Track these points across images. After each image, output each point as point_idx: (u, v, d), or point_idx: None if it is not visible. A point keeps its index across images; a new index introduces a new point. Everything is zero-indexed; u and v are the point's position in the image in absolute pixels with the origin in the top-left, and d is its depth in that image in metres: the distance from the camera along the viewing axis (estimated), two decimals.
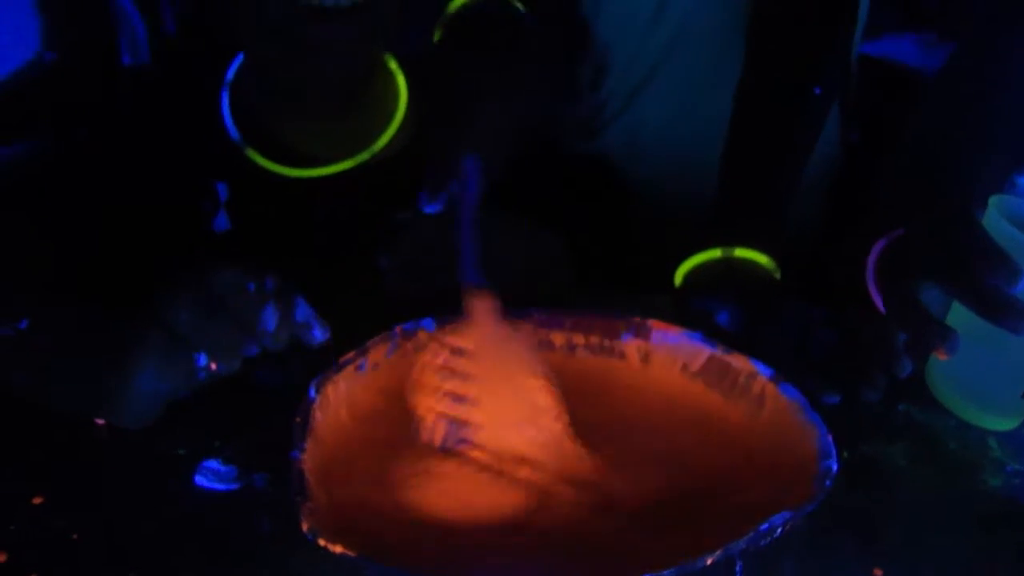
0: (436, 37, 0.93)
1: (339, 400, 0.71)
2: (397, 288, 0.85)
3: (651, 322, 0.77)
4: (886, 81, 1.18)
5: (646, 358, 0.77)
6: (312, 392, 0.69)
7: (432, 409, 0.69)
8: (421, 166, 0.84)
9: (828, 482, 0.61)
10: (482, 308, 0.71)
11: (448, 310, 0.75)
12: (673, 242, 0.90)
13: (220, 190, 0.96)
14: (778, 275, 0.87)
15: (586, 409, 0.72)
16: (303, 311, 0.74)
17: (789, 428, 0.67)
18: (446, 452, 0.69)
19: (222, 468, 0.70)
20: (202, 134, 0.93)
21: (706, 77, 1.11)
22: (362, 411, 0.72)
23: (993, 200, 0.75)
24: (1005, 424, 0.78)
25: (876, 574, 0.64)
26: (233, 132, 0.91)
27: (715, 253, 0.87)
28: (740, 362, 0.73)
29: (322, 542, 0.57)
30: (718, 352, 0.74)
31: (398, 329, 0.76)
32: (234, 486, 0.69)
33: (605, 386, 0.77)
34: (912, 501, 0.71)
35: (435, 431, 0.69)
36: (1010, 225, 0.72)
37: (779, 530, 0.57)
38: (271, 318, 0.73)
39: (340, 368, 0.72)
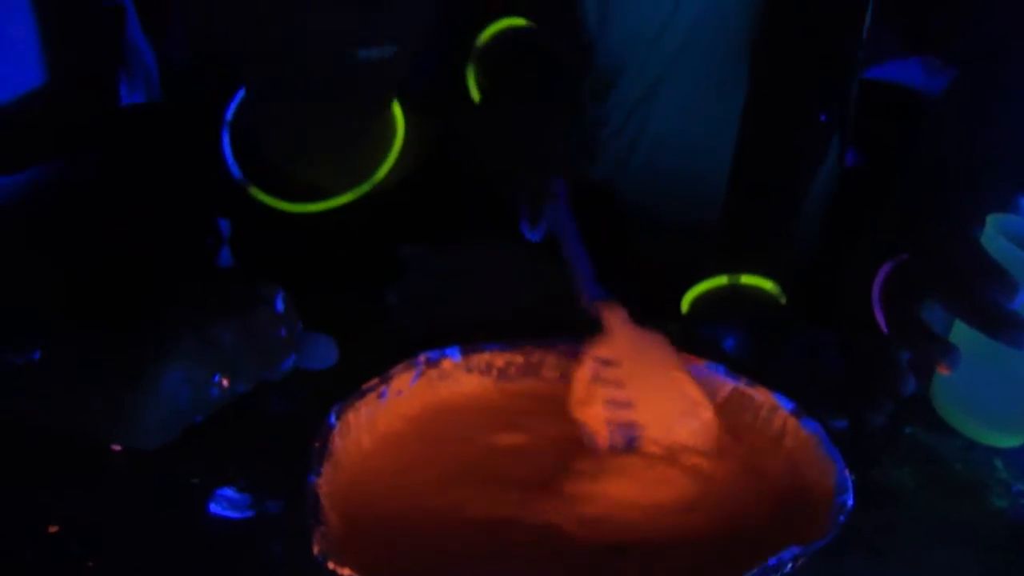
0: (470, 74, 0.95)
1: (360, 426, 0.72)
2: (404, 322, 0.86)
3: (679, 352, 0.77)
4: (891, 104, 1.19)
5: None
6: (332, 418, 0.70)
7: (599, 418, 0.72)
8: (422, 197, 0.86)
9: (842, 518, 0.61)
10: (615, 318, 0.75)
11: (465, 341, 0.77)
12: (679, 268, 0.90)
13: (223, 226, 0.97)
14: (784, 300, 0.87)
15: None
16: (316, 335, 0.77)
17: (808, 462, 0.68)
18: (625, 452, 0.72)
19: (236, 496, 0.71)
20: (204, 171, 0.94)
21: (708, 93, 1.12)
22: (384, 437, 0.73)
23: (991, 219, 0.75)
24: (1011, 441, 0.79)
25: None
26: (235, 170, 0.93)
27: (721, 280, 0.87)
28: (762, 395, 0.74)
29: (331, 565, 0.58)
30: (741, 385, 0.75)
31: (422, 357, 0.77)
32: (248, 514, 0.69)
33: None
34: (920, 523, 0.71)
35: (611, 436, 0.72)
36: (1008, 242, 0.73)
37: (789, 565, 0.58)
38: (290, 361, 0.76)
39: (362, 395, 0.73)
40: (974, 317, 0.70)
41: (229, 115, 0.94)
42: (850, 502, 0.62)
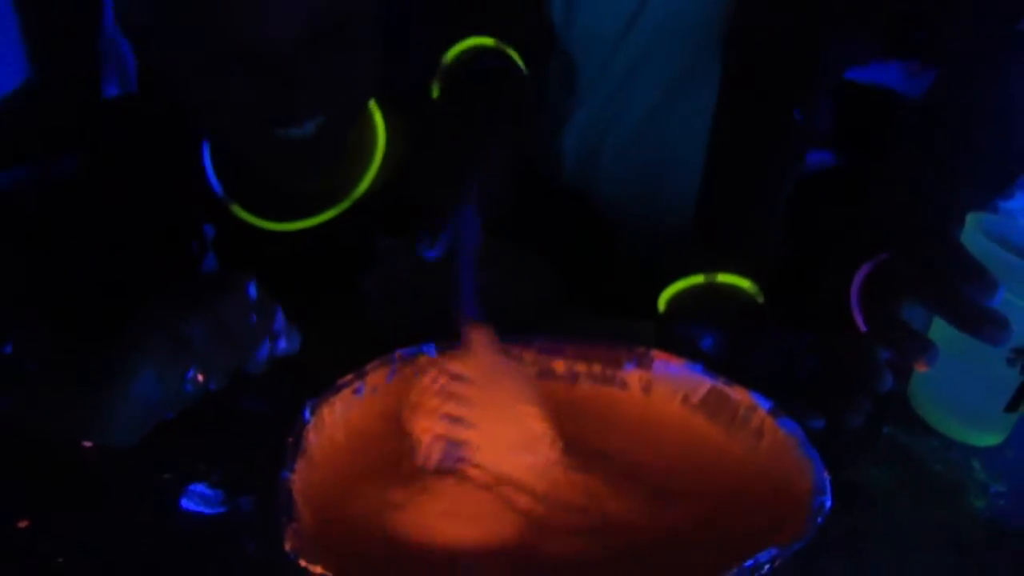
0: (434, 91, 0.94)
1: (335, 422, 0.71)
2: (381, 314, 0.85)
3: (653, 352, 0.77)
4: (871, 106, 1.20)
5: (647, 388, 0.77)
6: (307, 414, 0.69)
7: (429, 430, 0.70)
8: (404, 202, 0.86)
9: (820, 519, 0.61)
10: (480, 338, 0.73)
11: (439, 335, 0.76)
12: (654, 267, 0.90)
13: (207, 231, 0.96)
14: (761, 299, 0.87)
15: (586, 437, 0.73)
16: (279, 321, 0.76)
17: (786, 462, 0.67)
18: (442, 472, 0.69)
19: (208, 492, 0.70)
20: (188, 179, 0.93)
21: (678, 90, 1.12)
22: (359, 433, 0.72)
23: (971, 218, 0.76)
24: (989, 440, 0.79)
25: None
26: (216, 187, 0.93)
27: (698, 279, 0.87)
28: (740, 394, 0.73)
29: (303, 563, 0.57)
30: (719, 384, 0.74)
31: (398, 354, 0.76)
32: (220, 509, 0.69)
33: (606, 415, 0.77)
34: (898, 523, 0.71)
35: (432, 451, 0.70)
36: (988, 241, 0.73)
37: (766, 567, 0.57)
38: (264, 349, 0.75)
39: (337, 390, 0.72)
40: (954, 315, 0.70)
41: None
42: (828, 503, 0.62)
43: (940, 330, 0.75)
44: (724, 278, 0.86)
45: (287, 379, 0.76)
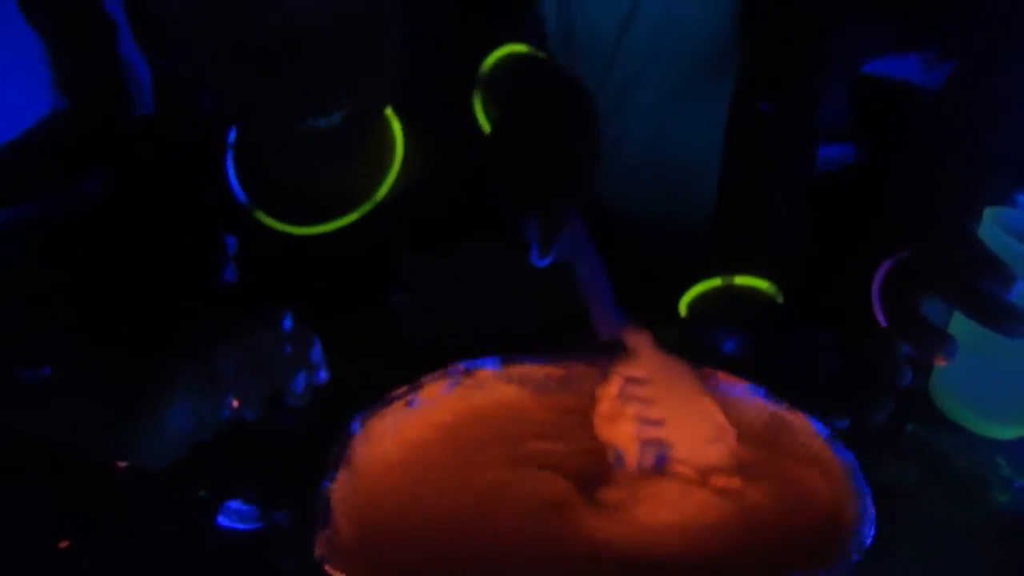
0: (477, 101, 0.95)
1: (385, 433, 0.72)
2: (410, 329, 0.86)
3: (719, 375, 0.77)
4: (889, 99, 1.20)
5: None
6: (356, 426, 0.70)
7: (628, 435, 0.72)
8: (424, 208, 0.86)
9: (856, 556, 0.61)
10: (642, 340, 0.75)
11: (470, 348, 0.77)
12: (673, 271, 0.91)
13: (230, 243, 0.98)
14: (781, 300, 0.88)
15: None
16: (317, 352, 0.77)
17: (837, 490, 0.67)
18: (653, 473, 0.71)
19: (244, 508, 0.71)
20: (211, 190, 0.95)
21: (685, 94, 1.13)
22: (411, 444, 0.73)
23: (988, 212, 0.76)
24: (1010, 433, 0.79)
25: None
26: (240, 195, 0.94)
27: (715, 282, 0.88)
28: (799, 421, 0.72)
29: (328, 568, 0.59)
30: (780, 409, 0.74)
31: (460, 367, 0.77)
32: (256, 525, 0.70)
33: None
34: (922, 519, 0.72)
35: (644, 455, 0.71)
36: (1005, 234, 0.73)
37: None
38: (301, 381, 0.76)
39: (388, 403, 0.73)
40: (972, 309, 0.70)
41: (231, 138, 0.95)
42: (869, 538, 0.61)
43: (959, 324, 0.75)
44: (742, 280, 0.87)
45: (318, 394, 0.77)
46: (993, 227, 0.75)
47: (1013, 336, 0.69)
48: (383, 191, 0.95)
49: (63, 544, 0.69)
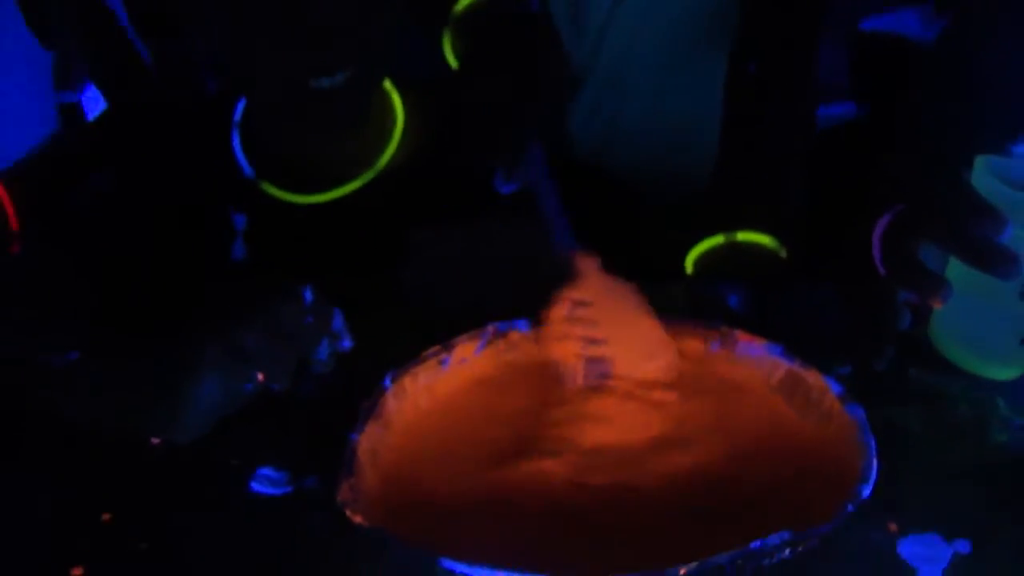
0: (447, 42, 0.98)
1: (417, 390, 0.76)
2: (420, 303, 0.89)
3: (738, 333, 0.78)
4: (889, 55, 1.21)
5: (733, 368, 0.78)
6: (387, 381, 0.74)
7: (573, 354, 0.76)
8: (428, 178, 0.89)
9: (851, 506, 0.61)
10: (589, 264, 0.78)
11: (480, 319, 0.80)
12: (679, 230, 0.93)
13: (237, 220, 1.01)
14: (783, 254, 0.90)
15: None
16: (339, 322, 0.79)
17: (845, 446, 0.68)
18: (590, 388, 0.76)
19: (275, 474, 0.74)
20: (215, 167, 0.98)
21: (682, 56, 1.14)
22: (444, 399, 0.77)
23: (979, 160, 0.78)
24: (1008, 373, 0.81)
25: (891, 528, 0.68)
26: (247, 169, 0.97)
27: (719, 239, 0.90)
28: (813, 378, 0.74)
29: (349, 512, 0.62)
30: (795, 366, 0.75)
31: (491, 328, 0.80)
32: (288, 489, 0.73)
33: (697, 386, 0.78)
34: (925, 461, 0.74)
35: (578, 371, 0.76)
36: (995, 180, 0.75)
37: (786, 550, 0.59)
38: (324, 349, 0.79)
39: (422, 361, 0.77)
40: (965, 252, 0.72)
41: (238, 116, 0.97)
42: (866, 492, 0.62)
43: (955, 269, 0.78)
44: (744, 236, 0.89)
45: (340, 365, 0.80)
46: (985, 175, 0.77)
47: (1005, 278, 0.71)
48: (385, 159, 0.97)
49: (105, 517, 0.72)
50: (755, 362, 0.77)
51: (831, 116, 1.22)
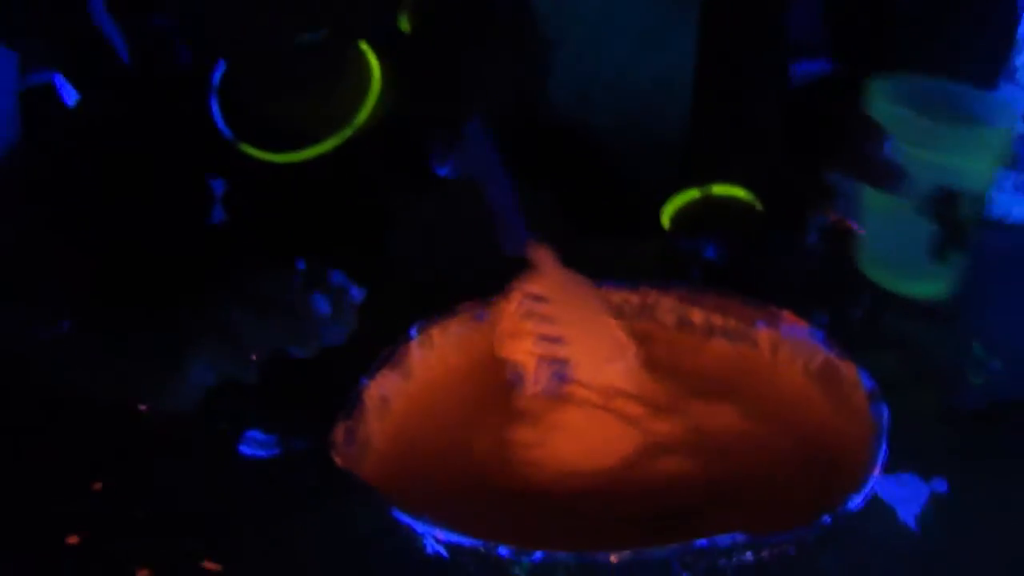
0: (403, 24, 0.98)
1: (447, 343, 0.75)
2: (407, 269, 0.89)
3: (784, 313, 0.76)
4: (863, 10, 1.21)
5: (775, 350, 0.76)
6: (412, 331, 0.73)
7: (529, 353, 0.72)
8: (404, 139, 0.89)
9: (827, 518, 0.57)
10: (545, 257, 0.75)
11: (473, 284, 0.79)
12: (654, 187, 0.94)
13: (215, 185, 1.01)
14: (759, 206, 0.91)
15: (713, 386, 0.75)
16: (337, 276, 0.77)
17: (860, 448, 0.64)
18: (550, 395, 0.72)
19: (264, 436, 0.75)
20: (194, 133, 0.98)
21: (659, 21, 1.14)
22: (475, 357, 0.76)
23: (874, 84, 0.79)
24: (932, 289, 0.82)
25: None
26: (226, 132, 0.97)
27: (694, 193, 0.91)
28: (848, 370, 0.70)
29: (332, 453, 0.62)
30: (832, 355, 0.72)
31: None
32: (276, 451, 0.75)
33: (739, 371, 0.77)
34: (902, 402, 0.74)
35: (539, 375, 0.72)
36: (886, 102, 0.77)
37: (746, 553, 0.56)
38: (323, 302, 0.75)
39: (456, 313, 0.76)
40: (857, 172, 0.74)
41: (216, 81, 0.97)
42: (855, 506, 0.58)
43: (869, 196, 0.79)
44: (720, 189, 0.90)
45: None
46: (877, 98, 0.78)
47: (892, 191, 0.73)
48: (362, 117, 0.97)
49: (97, 486, 0.73)
50: (797, 344, 0.74)
51: (806, 73, 1.22)
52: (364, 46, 0.98)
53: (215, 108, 0.96)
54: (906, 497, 0.68)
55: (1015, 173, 1.00)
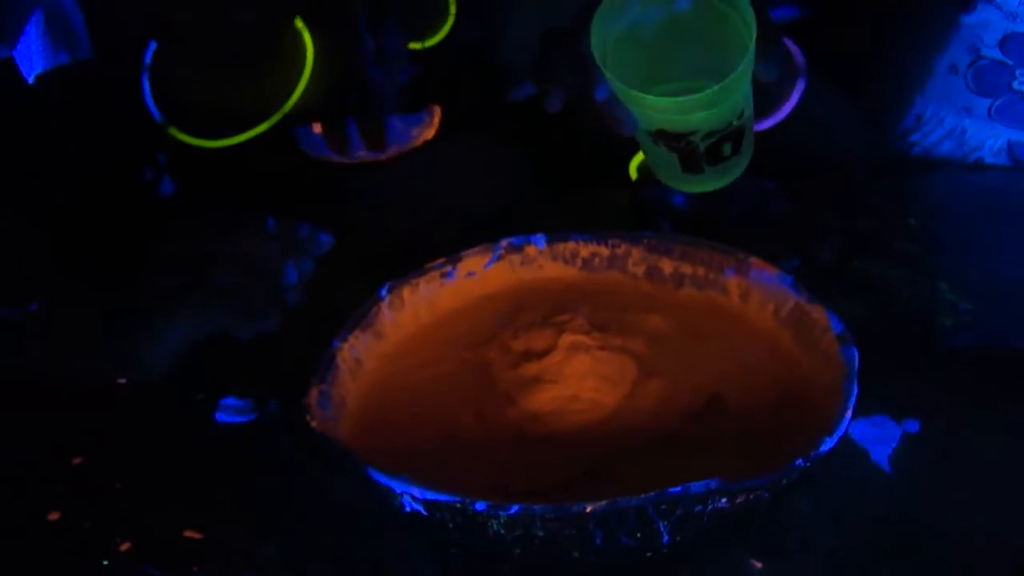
0: None
1: (418, 302, 0.75)
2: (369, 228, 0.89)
3: (751, 259, 0.76)
4: None
5: (745, 296, 0.76)
6: (383, 292, 0.73)
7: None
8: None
9: (800, 461, 0.58)
10: None
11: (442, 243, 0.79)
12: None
13: (159, 158, 1.00)
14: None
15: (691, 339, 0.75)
16: (303, 227, 0.77)
17: (830, 393, 0.65)
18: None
19: (238, 402, 0.76)
20: (131, 114, 0.97)
21: None
22: (446, 315, 0.76)
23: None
24: (713, 185, 0.78)
25: None
26: (155, 113, 0.96)
27: None
28: (818, 314, 0.71)
29: (307, 417, 0.63)
30: (802, 300, 0.72)
31: (504, 242, 0.79)
32: (252, 416, 0.75)
33: (710, 318, 0.77)
34: (873, 346, 0.74)
35: None
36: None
37: (721, 500, 0.57)
38: (291, 271, 0.75)
39: (423, 272, 0.76)
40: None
41: (148, 59, 0.96)
42: (826, 447, 0.59)
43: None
44: None
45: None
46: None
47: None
48: (292, 101, 0.97)
49: (76, 461, 0.73)
50: (766, 290, 0.75)
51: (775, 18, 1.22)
52: (299, 23, 0.96)
53: (146, 88, 0.95)
54: (878, 438, 0.69)
55: (989, 99, 0.99)
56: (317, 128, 0.88)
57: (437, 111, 0.86)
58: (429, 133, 0.86)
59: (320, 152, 0.88)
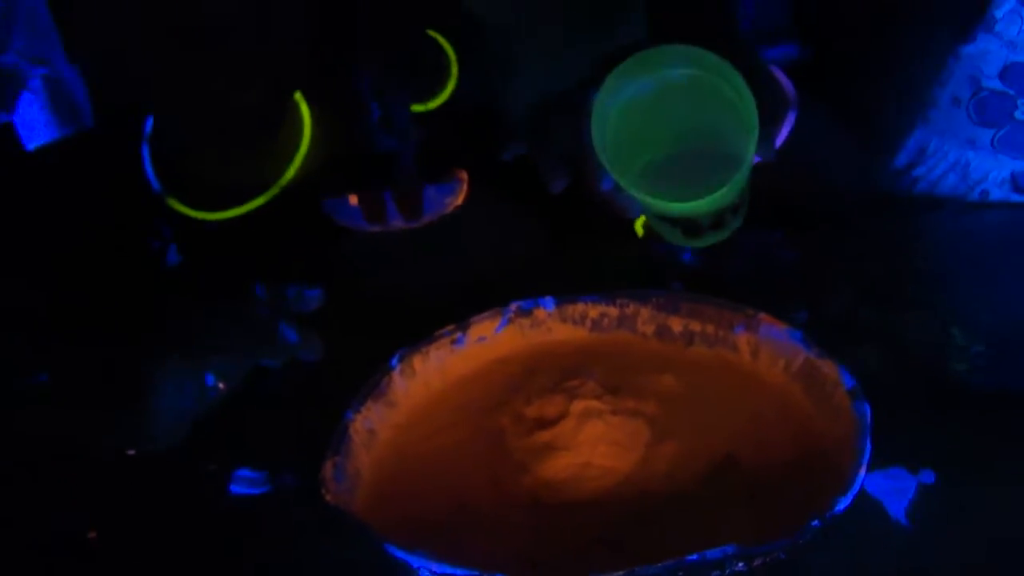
0: None
1: (428, 370, 0.75)
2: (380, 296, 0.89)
3: (761, 316, 0.76)
4: None
5: (755, 353, 0.76)
6: (394, 361, 0.74)
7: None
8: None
9: (816, 522, 0.58)
10: None
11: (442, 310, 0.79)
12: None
13: (164, 229, 1.01)
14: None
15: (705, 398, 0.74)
16: (291, 289, 0.79)
17: (844, 450, 0.64)
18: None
19: (253, 474, 0.75)
20: (134, 184, 0.98)
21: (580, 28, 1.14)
22: (457, 382, 0.76)
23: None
24: (707, 242, 0.80)
25: None
26: (154, 183, 0.97)
27: None
28: (828, 368, 0.70)
29: (323, 491, 0.63)
30: (812, 355, 0.72)
31: (514, 306, 0.79)
32: (267, 488, 0.75)
33: (721, 375, 0.77)
34: (886, 395, 0.73)
35: None
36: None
37: (738, 564, 0.56)
38: (290, 332, 0.77)
39: (433, 340, 0.76)
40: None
41: (148, 130, 0.97)
42: (841, 507, 0.59)
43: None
44: None
45: (303, 370, 0.81)
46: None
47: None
48: (290, 174, 0.97)
49: (92, 535, 0.73)
50: (776, 346, 0.75)
51: (773, 58, 1.22)
52: (298, 97, 0.97)
53: (146, 158, 0.96)
54: (894, 490, 0.68)
55: (992, 130, 0.99)
56: (353, 200, 0.89)
57: (465, 176, 0.87)
58: (460, 199, 0.87)
59: (355, 223, 0.89)
